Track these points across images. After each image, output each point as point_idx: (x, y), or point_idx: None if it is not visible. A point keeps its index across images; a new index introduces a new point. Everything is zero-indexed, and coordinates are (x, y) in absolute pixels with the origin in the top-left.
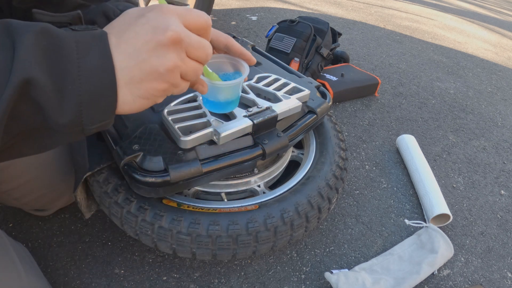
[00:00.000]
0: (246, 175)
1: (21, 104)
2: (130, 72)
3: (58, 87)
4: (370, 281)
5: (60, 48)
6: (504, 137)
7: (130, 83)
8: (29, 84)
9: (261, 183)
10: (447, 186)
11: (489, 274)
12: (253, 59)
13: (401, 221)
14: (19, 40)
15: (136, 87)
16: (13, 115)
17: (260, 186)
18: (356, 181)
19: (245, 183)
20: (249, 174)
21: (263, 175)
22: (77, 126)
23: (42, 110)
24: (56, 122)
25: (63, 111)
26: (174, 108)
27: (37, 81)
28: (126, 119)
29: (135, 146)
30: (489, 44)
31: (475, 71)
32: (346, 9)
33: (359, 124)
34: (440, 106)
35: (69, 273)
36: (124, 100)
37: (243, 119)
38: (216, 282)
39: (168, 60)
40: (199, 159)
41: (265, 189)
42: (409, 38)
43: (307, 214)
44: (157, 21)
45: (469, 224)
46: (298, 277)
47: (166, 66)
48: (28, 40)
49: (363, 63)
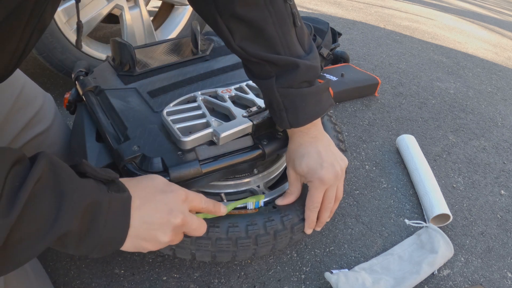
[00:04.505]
0: (246, 175)
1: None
2: (139, 231)
3: (84, 234)
4: (370, 281)
5: (98, 208)
6: (504, 137)
7: (134, 238)
8: (65, 235)
9: (260, 184)
10: (447, 186)
11: (489, 274)
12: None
13: (401, 221)
14: (69, 198)
15: (137, 241)
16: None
17: (259, 186)
18: (356, 181)
19: (245, 184)
20: (248, 175)
21: (262, 176)
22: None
23: (64, 247)
24: (69, 253)
25: (79, 250)
26: (173, 109)
27: (71, 232)
28: (125, 120)
29: (135, 146)
30: (489, 44)
31: (475, 71)
32: (346, 9)
33: (359, 124)
34: (440, 106)
35: (69, 273)
36: (124, 246)
37: (242, 120)
38: (216, 282)
39: (168, 236)
40: (199, 159)
41: (265, 189)
42: (409, 38)
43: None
44: (174, 205)
45: (469, 224)
46: (298, 277)
47: (165, 240)
48: (76, 199)
49: (363, 63)
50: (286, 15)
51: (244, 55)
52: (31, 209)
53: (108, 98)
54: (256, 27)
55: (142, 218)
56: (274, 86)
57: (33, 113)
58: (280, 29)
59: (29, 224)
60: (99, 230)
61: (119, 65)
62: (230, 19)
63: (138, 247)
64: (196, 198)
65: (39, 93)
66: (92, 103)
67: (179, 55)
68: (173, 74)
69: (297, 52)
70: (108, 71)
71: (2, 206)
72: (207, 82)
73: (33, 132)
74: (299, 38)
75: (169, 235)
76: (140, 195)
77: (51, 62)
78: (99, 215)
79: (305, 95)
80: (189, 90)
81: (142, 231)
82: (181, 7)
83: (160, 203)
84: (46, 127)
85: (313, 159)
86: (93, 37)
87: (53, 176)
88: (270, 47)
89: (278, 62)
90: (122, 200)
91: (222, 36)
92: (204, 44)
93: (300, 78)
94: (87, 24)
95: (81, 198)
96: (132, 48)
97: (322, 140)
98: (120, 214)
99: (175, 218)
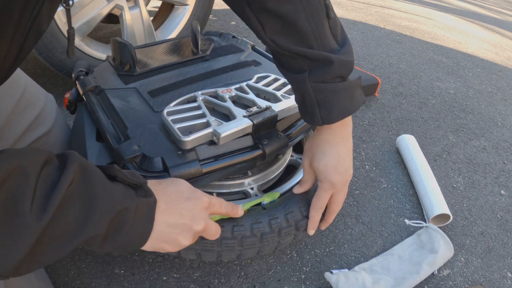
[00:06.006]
0: (240, 176)
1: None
2: (162, 234)
3: (110, 237)
4: (370, 281)
5: (126, 214)
6: (504, 137)
7: (156, 240)
8: (92, 238)
9: (254, 186)
10: (447, 186)
11: (489, 274)
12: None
13: (401, 221)
14: (99, 204)
15: (158, 243)
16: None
17: (253, 188)
18: (356, 181)
19: (238, 185)
20: (242, 176)
21: (257, 178)
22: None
23: (87, 247)
24: (90, 250)
25: (102, 249)
26: (173, 109)
27: (98, 236)
28: (126, 120)
29: (135, 146)
30: (489, 44)
31: (475, 71)
32: (346, 9)
33: (359, 124)
34: (440, 106)
35: (69, 273)
36: (145, 246)
37: (242, 119)
38: (216, 282)
39: (189, 241)
40: (199, 159)
41: (258, 192)
42: (409, 38)
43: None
44: (197, 212)
45: (469, 224)
46: (298, 277)
47: (185, 243)
48: (106, 206)
49: (363, 63)
50: (319, 7)
51: (275, 48)
52: (62, 213)
53: (109, 98)
54: (288, 20)
55: (166, 222)
56: (307, 80)
57: (35, 114)
58: (313, 22)
59: (59, 228)
60: (124, 234)
61: (120, 65)
62: (261, 12)
63: (157, 248)
64: (217, 204)
65: (41, 94)
66: (93, 102)
67: (179, 55)
68: (173, 74)
69: (331, 46)
70: (109, 71)
71: (35, 209)
72: (207, 82)
73: (36, 134)
74: (332, 31)
75: (189, 240)
76: (167, 200)
77: (51, 62)
78: (126, 220)
79: (339, 91)
80: (189, 90)
81: (164, 234)
82: (181, 7)
83: (185, 210)
84: (48, 128)
85: (332, 161)
86: (93, 37)
87: (85, 180)
88: (303, 40)
89: (312, 56)
90: (148, 205)
91: (252, 27)
92: (204, 44)
93: (334, 74)
94: (87, 24)
95: (111, 205)
96: (132, 48)
97: (346, 143)
98: (145, 218)
99: (197, 225)
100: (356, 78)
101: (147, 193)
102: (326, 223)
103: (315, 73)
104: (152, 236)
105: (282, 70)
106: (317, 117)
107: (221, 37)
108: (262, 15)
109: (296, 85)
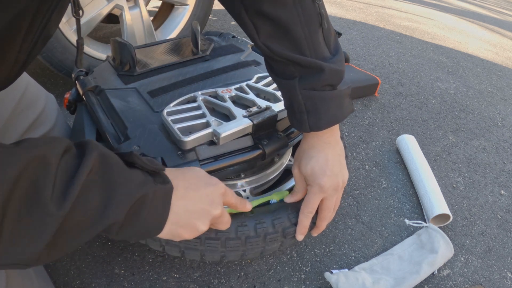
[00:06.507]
0: (233, 177)
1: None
2: (180, 218)
3: (127, 224)
4: (370, 281)
5: (144, 201)
6: (504, 137)
7: (174, 224)
8: (110, 225)
9: (247, 188)
10: (447, 186)
11: (489, 274)
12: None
13: (401, 221)
14: (119, 192)
15: (176, 228)
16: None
17: (245, 191)
18: (356, 181)
19: (231, 186)
20: (235, 177)
21: (250, 180)
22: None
23: (104, 233)
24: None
25: (118, 236)
26: (173, 109)
27: (117, 222)
28: (126, 120)
29: (135, 146)
30: (489, 44)
31: (475, 71)
32: (346, 9)
33: (359, 124)
34: (440, 106)
35: (69, 273)
36: (162, 233)
37: (242, 119)
38: (216, 282)
39: (206, 226)
40: (199, 159)
41: (250, 195)
42: (409, 38)
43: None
44: (215, 197)
45: (469, 224)
46: (298, 277)
47: (203, 228)
48: (125, 194)
49: (363, 63)
50: (314, 15)
51: (268, 53)
52: (82, 201)
53: (108, 98)
54: (283, 26)
55: (185, 207)
56: (297, 87)
57: (36, 114)
58: (307, 30)
59: (79, 216)
60: (141, 221)
61: (119, 65)
62: (256, 16)
63: (174, 234)
64: (229, 193)
65: (42, 94)
66: (92, 103)
67: (179, 55)
68: (173, 74)
69: (323, 54)
70: (108, 71)
71: (55, 198)
72: (207, 82)
73: (37, 133)
74: (325, 39)
75: (207, 225)
76: (185, 185)
77: (51, 62)
78: (144, 207)
79: (328, 99)
80: (189, 90)
81: (183, 218)
82: (181, 7)
83: (203, 194)
84: (49, 128)
85: (319, 164)
86: (93, 37)
87: (104, 167)
88: (296, 47)
89: (303, 63)
90: (165, 191)
91: (246, 30)
92: (204, 44)
93: (324, 82)
94: (87, 24)
95: (131, 192)
96: (132, 48)
97: (334, 148)
98: (162, 205)
99: (215, 209)
100: (346, 88)
101: (164, 180)
102: (318, 230)
103: (306, 80)
104: (171, 220)
105: (272, 75)
106: (305, 124)
107: (221, 37)
108: (257, 19)
109: (285, 91)
